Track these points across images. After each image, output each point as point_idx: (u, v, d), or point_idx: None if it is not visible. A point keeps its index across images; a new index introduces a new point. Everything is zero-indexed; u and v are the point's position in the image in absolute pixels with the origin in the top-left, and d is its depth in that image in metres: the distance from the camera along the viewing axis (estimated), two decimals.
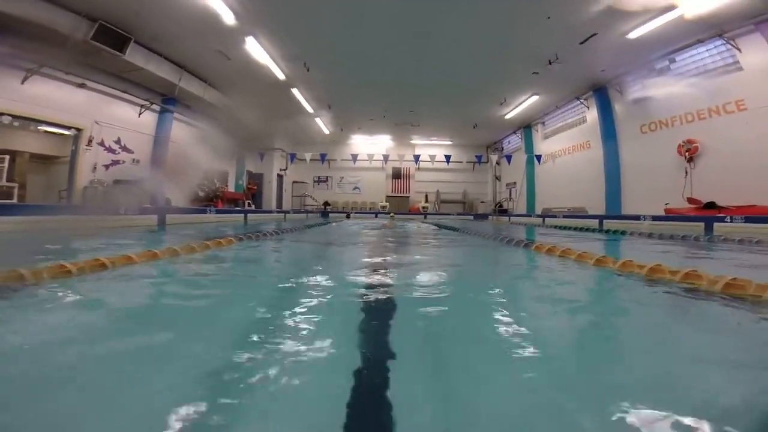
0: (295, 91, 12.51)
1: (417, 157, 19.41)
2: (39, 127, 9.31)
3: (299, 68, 10.86)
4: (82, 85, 9.12)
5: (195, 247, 3.52)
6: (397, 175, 21.65)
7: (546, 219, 13.86)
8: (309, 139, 18.88)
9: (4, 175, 8.41)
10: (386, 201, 20.79)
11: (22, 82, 7.92)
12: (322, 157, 17.92)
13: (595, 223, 10.65)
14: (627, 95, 11.17)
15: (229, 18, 8.01)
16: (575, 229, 9.19)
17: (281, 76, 11.17)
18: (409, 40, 9.25)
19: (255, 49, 9.48)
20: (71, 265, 2.22)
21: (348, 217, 18.10)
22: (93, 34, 7.77)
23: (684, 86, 9.20)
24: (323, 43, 9.51)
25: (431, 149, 20.53)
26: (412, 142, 20.80)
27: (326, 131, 17.99)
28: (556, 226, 10.99)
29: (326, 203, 20.29)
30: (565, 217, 12.98)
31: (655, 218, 9.12)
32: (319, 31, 8.95)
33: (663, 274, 2.36)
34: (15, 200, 8.13)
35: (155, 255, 2.98)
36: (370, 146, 20.50)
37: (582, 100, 13.01)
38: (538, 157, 16.20)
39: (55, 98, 8.69)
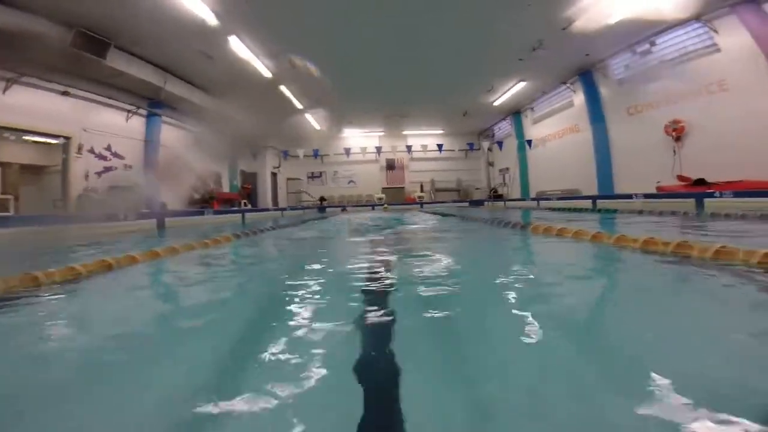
0: (283, 88, 12.33)
1: (409, 148, 19.38)
2: (26, 137, 9.19)
3: (285, 65, 10.65)
4: (65, 93, 8.94)
5: (208, 242, 4.12)
6: (391, 166, 21.55)
7: (540, 202, 14.00)
8: (301, 135, 18.78)
9: None
10: (382, 193, 20.78)
11: (3, 92, 7.77)
12: (315, 153, 17.87)
13: (588, 203, 10.81)
14: (612, 78, 11.17)
15: (210, 18, 7.84)
16: (570, 210, 9.34)
17: (267, 73, 10.97)
18: (393, 33, 9.10)
19: (238, 47, 9.28)
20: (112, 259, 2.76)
21: (343, 210, 18.13)
22: (71, 41, 7.59)
23: (666, 68, 9.28)
24: (307, 38, 9.31)
25: (423, 139, 20.41)
26: (404, 133, 20.65)
27: (318, 127, 17.90)
28: (550, 209, 11.13)
29: (322, 198, 20.24)
30: (559, 199, 13.11)
31: (646, 196, 9.25)
32: (303, 27, 8.76)
33: (656, 246, 2.51)
34: (12, 212, 8.09)
35: (175, 250, 3.55)
36: (363, 139, 20.36)
37: (568, 85, 12.99)
38: (529, 142, 16.15)
39: (40, 107, 8.52)
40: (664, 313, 1.46)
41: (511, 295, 1.69)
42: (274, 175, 19.03)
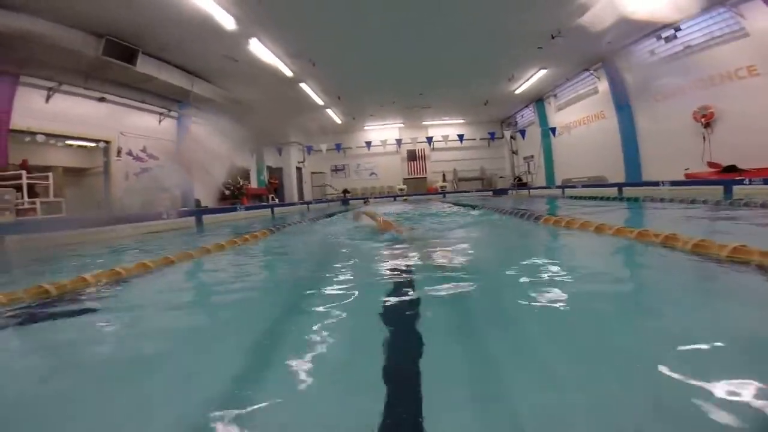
0: (303, 85, 12.56)
1: (430, 139, 19.36)
2: (68, 142, 9.91)
3: (305, 64, 10.88)
4: (102, 99, 9.54)
5: (258, 235, 4.87)
6: (412, 157, 21.54)
7: (565, 190, 13.78)
8: (323, 130, 19.16)
9: (51, 190, 9.10)
10: (404, 184, 20.91)
11: (47, 101, 8.39)
12: (337, 146, 18.18)
13: (614, 191, 10.59)
14: (636, 65, 10.77)
15: (229, 23, 8.07)
16: (594, 198, 9.21)
17: (288, 73, 11.21)
18: (411, 24, 9.05)
19: (259, 49, 9.54)
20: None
21: (366, 202, 18.44)
22: (103, 50, 8.01)
23: (692, 54, 8.92)
24: (325, 36, 9.43)
25: (444, 129, 20.16)
26: (424, 123, 20.52)
27: (338, 121, 18.12)
28: (574, 197, 11.03)
29: (345, 191, 20.59)
30: (584, 186, 12.89)
31: (673, 183, 8.99)
32: (321, 25, 8.85)
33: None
34: (64, 213, 8.89)
35: (246, 239, 4.40)
36: (383, 132, 20.40)
37: (592, 72, 12.54)
38: (553, 130, 15.70)
39: (80, 113, 9.14)
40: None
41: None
42: (299, 169, 19.55)
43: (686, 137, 9.30)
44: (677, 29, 9.12)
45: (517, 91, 15.01)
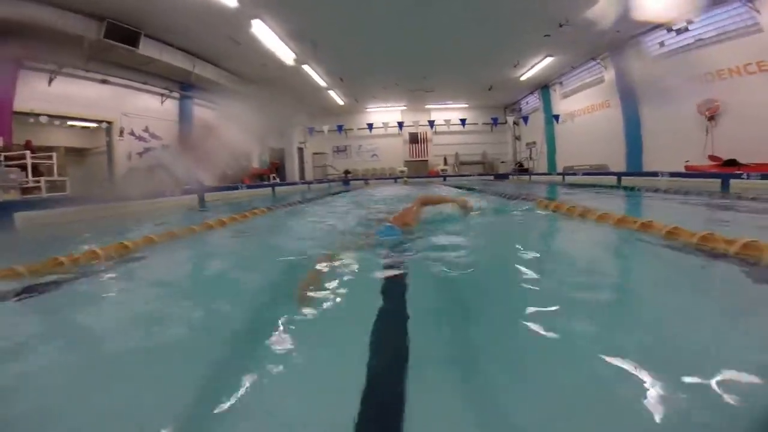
0: (306, 67, 12.37)
1: (432, 123, 19.21)
2: (71, 123, 9.94)
3: (307, 45, 10.67)
4: (104, 81, 9.45)
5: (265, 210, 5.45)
6: (414, 140, 21.33)
7: (566, 177, 13.81)
8: (325, 111, 19.00)
9: (55, 169, 9.18)
10: (405, 166, 20.86)
11: (49, 84, 8.36)
12: (339, 128, 18.05)
13: (613, 180, 10.49)
14: (644, 56, 10.51)
15: (231, 1, 7.88)
16: (591, 186, 9.36)
17: (291, 54, 11.03)
18: (415, 8, 8.84)
19: (262, 30, 9.36)
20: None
21: (366, 183, 18.48)
22: (104, 33, 7.92)
23: (702, 47, 8.74)
24: (329, 16, 9.21)
25: (446, 113, 19.93)
26: (426, 107, 20.23)
27: (341, 103, 17.96)
28: (572, 184, 11.11)
29: (347, 171, 20.54)
30: (585, 174, 12.92)
31: (672, 174, 9.01)
32: (324, 5, 8.63)
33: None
34: (68, 192, 9.01)
35: (255, 212, 5.02)
36: (386, 114, 20.16)
37: (598, 61, 12.36)
38: (557, 117, 15.60)
39: (82, 95, 9.10)
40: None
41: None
42: (300, 150, 19.48)
43: (690, 130, 9.25)
44: (690, 21, 8.92)
45: (523, 78, 14.76)
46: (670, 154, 9.74)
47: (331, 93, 16.01)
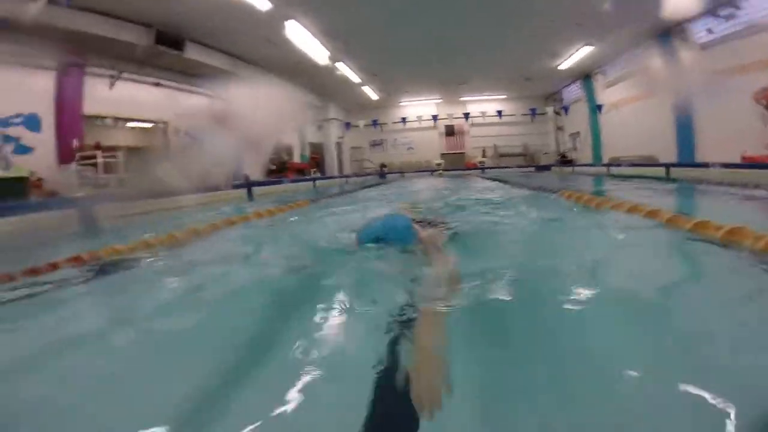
0: (340, 64, 12.68)
1: (467, 115, 18.94)
2: (130, 125, 10.92)
3: (341, 43, 10.94)
4: (157, 84, 10.32)
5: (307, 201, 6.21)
6: (450, 132, 21.00)
7: (611, 168, 13.17)
8: (360, 106, 19.33)
9: (121, 167, 10.20)
10: (441, 158, 20.70)
11: (110, 88, 9.28)
12: (374, 122, 18.39)
13: (662, 171, 9.90)
14: (693, 42, 9.78)
15: (264, 5, 8.22)
16: (638, 177, 9.07)
17: (326, 52, 11.34)
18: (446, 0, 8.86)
19: (296, 30, 9.69)
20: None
21: (402, 176, 18.65)
22: (155, 39, 8.65)
23: (756, 33, 8.02)
24: (361, 12, 9.37)
25: (483, 105, 19.51)
26: (461, 99, 19.86)
27: (375, 97, 18.13)
28: (614, 176, 10.65)
29: (382, 165, 20.82)
30: (631, 165, 12.29)
31: (724, 165, 8.35)
32: (356, 1, 8.83)
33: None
34: (132, 187, 10.01)
35: (299, 204, 5.76)
36: (420, 107, 20.12)
37: (643, 49, 11.49)
38: (600, 107, 14.86)
39: (139, 98, 9.96)
40: None
41: None
42: (338, 144, 20.09)
43: (746, 119, 8.49)
44: (738, 7, 8.22)
45: (561, 68, 14.16)
46: (725, 145, 9.01)
47: (366, 88, 16.27)
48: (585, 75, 15.41)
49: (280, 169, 14.40)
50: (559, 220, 3.63)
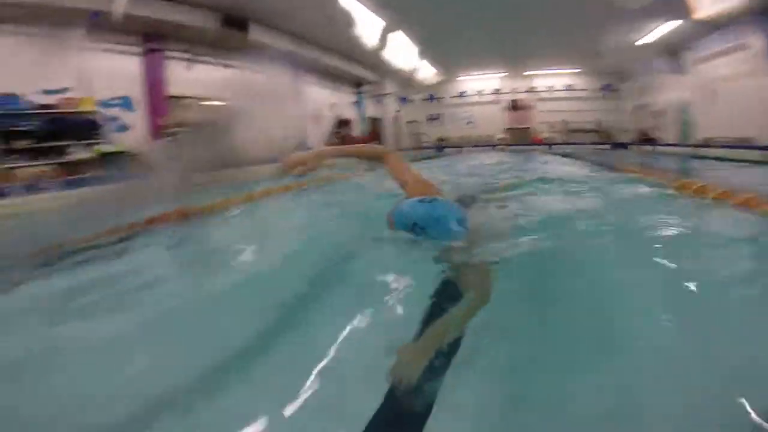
0: (396, 34, 12.37)
1: (533, 89, 17.73)
2: (202, 104, 12.10)
3: (396, 13, 10.80)
4: (227, 66, 11.08)
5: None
6: (514, 106, 19.89)
7: (699, 149, 11.97)
8: (416, 81, 18.97)
9: (200, 143, 11.47)
10: (505, 134, 19.81)
11: (189, 70, 10.29)
12: (431, 97, 18.05)
13: (756, 154, 9.19)
14: None
15: None
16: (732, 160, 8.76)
17: (382, 23, 11.32)
18: None
19: (350, 3, 9.77)
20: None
21: (460, 150, 18.27)
22: (222, 22, 9.39)
23: None
24: None
25: (550, 79, 18.23)
26: (526, 73, 18.66)
27: (433, 71, 17.70)
28: (701, 157, 10.35)
29: (440, 139, 20.60)
30: (722, 147, 10.96)
31: None
32: None
33: None
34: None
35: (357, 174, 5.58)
36: (482, 81, 19.32)
37: (740, 24, 10.02)
38: (685, 85, 13.31)
39: (212, 79, 10.62)
40: None
41: None
42: (395, 118, 20.18)
43: None
44: None
45: (639, 42, 12.85)
46: None
47: (424, 61, 15.94)
48: (671, 51, 13.64)
49: (342, 142, 15.09)
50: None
